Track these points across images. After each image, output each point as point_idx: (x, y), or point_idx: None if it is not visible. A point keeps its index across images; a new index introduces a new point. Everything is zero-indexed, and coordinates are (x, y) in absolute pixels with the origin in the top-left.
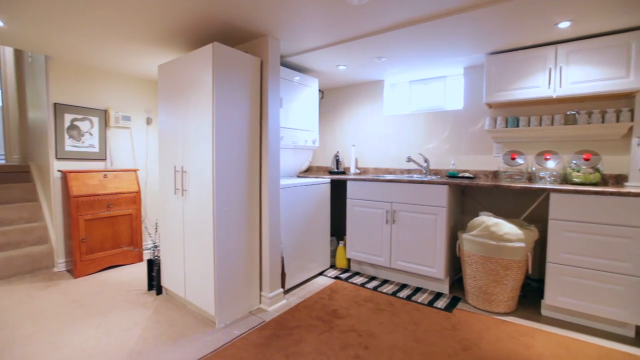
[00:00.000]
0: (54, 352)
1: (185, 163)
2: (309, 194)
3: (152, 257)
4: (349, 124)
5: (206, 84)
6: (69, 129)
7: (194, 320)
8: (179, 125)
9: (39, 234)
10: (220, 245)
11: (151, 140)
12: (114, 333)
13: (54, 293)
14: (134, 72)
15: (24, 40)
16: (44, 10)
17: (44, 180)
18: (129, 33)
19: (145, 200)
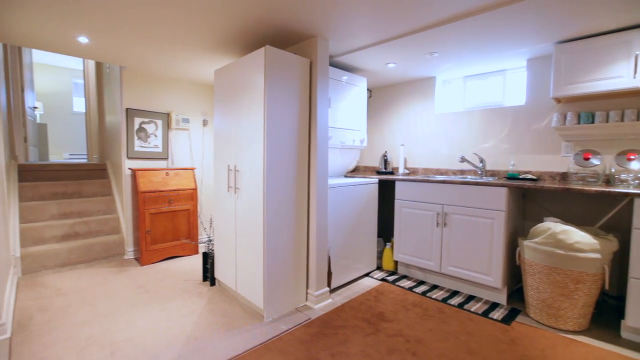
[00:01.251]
0: (125, 330)
1: (238, 162)
2: (357, 194)
3: (207, 250)
4: (398, 123)
5: (258, 86)
6: (137, 131)
7: (243, 312)
8: (232, 126)
9: (113, 225)
10: (270, 241)
11: (207, 141)
12: (174, 318)
13: (124, 278)
14: (192, 78)
15: (104, 54)
16: (121, 28)
17: (117, 177)
18: (190, 42)
19: (201, 197)
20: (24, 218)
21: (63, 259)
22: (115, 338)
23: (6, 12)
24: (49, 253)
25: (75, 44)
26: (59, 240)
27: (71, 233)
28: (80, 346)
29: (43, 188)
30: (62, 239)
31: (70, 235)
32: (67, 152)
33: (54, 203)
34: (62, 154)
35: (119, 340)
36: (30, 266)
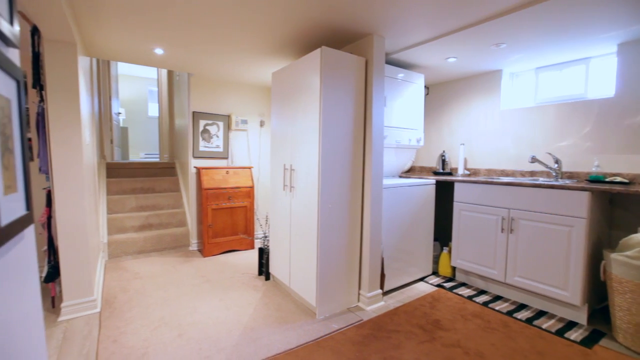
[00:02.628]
0: (190, 315)
1: (294, 161)
2: (412, 195)
3: (263, 245)
4: (458, 120)
5: (314, 87)
6: (202, 132)
7: (296, 308)
8: (288, 126)
9: (180, 218)
10: (323, 240)
11: (263, 141)
12: (232, 308)
13: (189, 267)
14: (250, 81)
15: (176, 63)
16: (191, 39)
17: (184, 175)
18: (250, 48)
19: (257, 195)
20: (110, 209)
21: (139, 247)
22: (182, 321)
23: (99, 32)
24: (128, 241)
25: (152, 55)
26: (136, 230)
27: (146, 224)
28: (154, 326)
29: (125, 184)
30: (139, 229)
31: (145, 226)
32: (143, 152)
33: (133, 197)
34: (139, 154)
35: (185, 323)
36: (115, 251)
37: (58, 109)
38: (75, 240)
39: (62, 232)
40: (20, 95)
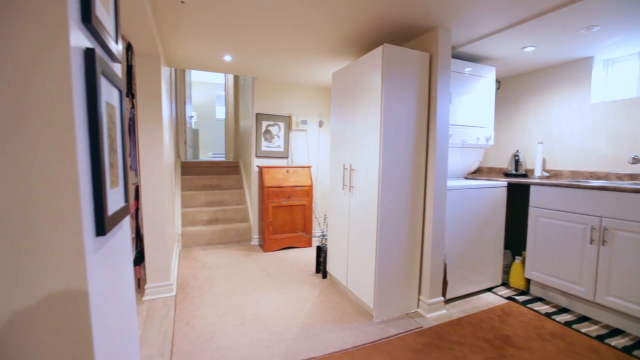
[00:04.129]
0: (252, 306)
1: (354, 161)
2: (479, 198)
3: (320, 244)
4: (535, 116)
5: (375, 86)
6: (264, 133)
7: (353, 309)
8: (348, 126)
9: (243, 214)
10: (382, 241)
11: (322, 141)
12: (291, 302)
13: (251, 261)
14: (310, 82)
15: (242, 68)
16: (256, 45)
17: (247, 173)
18: (311, 50)
19: (315, 194)
20: (184, 204)
21: (207, 239)
22: (245, 311)
23: (178, 44)
24: (198, 233)
25: (221, 62)
26: (205, 223)
27: (213, 218)
28: (220, 313)
29: (196, 180)
30: (207, 222)
31: (212, 220)
32: (211, 152)
33: (203, 193)
34: (207, 153)
35: (248, 313)
36: (187, 242)
37: (144, 114)
38: (156, 230)
39: (147, 222)
40: (121, 103)
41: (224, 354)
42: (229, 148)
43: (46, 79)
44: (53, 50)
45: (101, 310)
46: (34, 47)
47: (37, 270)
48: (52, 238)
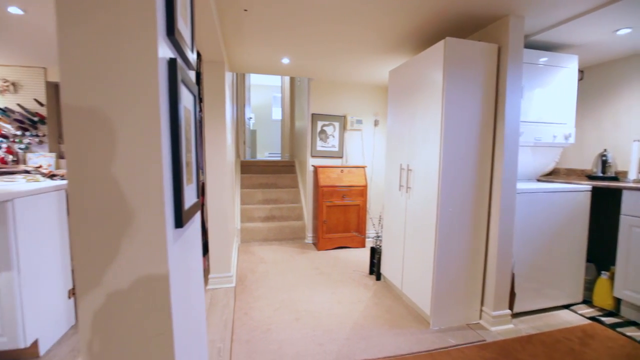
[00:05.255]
0: (306, 302)
1: (411, 161)
2: (556, 203)
3: (374, 245)
4: (629, 110)
5: (436, 83)
6: (319, 132)
7: (408, 314)
8: (406, 125)
9: (298, 213)
10: (442, 246)
11: (377, 141)
12: (344, 302)
13: (304, 259)
14: (365, 81)
15: (299, 70)
16: (313, 47)
17: (302, 173)
18: (367, 48)
19: (370, 194)
20: (243, 201)
21: (264, 235)
22: (299, 307)
23: (239, 50)
24: (256, 229)
25: (279, 65)
26: (262, 220)
27: (269, 216)
28: (276, 306)
29: (253, 179)
30: (264, 219)
31: (268, 217)
32: (267, 152)
33: (260, 191)
34: (264, 153)
35: (302, 309)
36: (245, 237)
37: (210, 117)
38: (219, 225)
39: (211, 217)
40: (195, 107)
41: (279, 346)
42: (285, 148)
43: (139, 86)
44: (144, 60)
45: (178, 294)
46: (131, 57)
47: (131, 257)
48: (143, 229)
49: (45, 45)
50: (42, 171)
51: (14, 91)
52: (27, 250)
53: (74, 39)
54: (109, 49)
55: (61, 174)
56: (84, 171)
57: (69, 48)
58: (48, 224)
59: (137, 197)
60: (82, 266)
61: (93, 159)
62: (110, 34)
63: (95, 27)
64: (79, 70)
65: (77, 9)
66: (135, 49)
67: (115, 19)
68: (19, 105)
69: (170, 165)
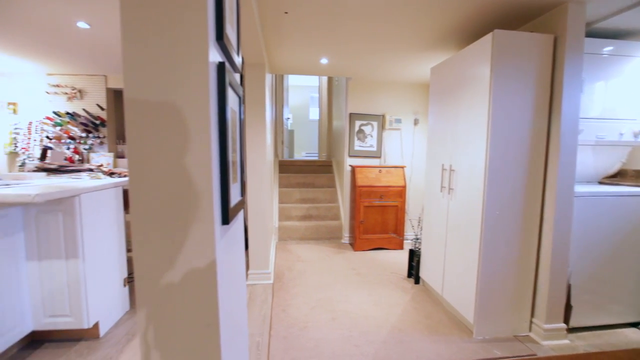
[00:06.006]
0: (342, 302)
1: (454, 162)
2: (622, 209)
3: (413, 247)
4: None
5: (482, 78)
6: (357, 132)
7: (449, 320)
8: (449, 123)
9: (335, 212)
10: (487, 251)
11: (417, 140)
12: (381, 304)
13: (341, 259)
14: (405, 79)
15: (337, 69)
16: (352, 46)
17: (339, 172)
18: (407, 46)
19: (408, 195)
20: (280, 200)
21: (301, 234)
22: (335, 307)
23: (278, 52)
24: (293, 228)
25: (318, 65)
26: (299, 219)
27: (306, 215)
28: (312, 305)
29: (291, 178)
30: (301, 218)
31: (305, 216)
32: (304, 152)
33: (297, 190)
34: (301, 153)
35: (338, 309)
36: (282, 235)
37: (251, 118)
38: (259, 222)
39: (251, 214)
40: (240, 108)
41: (315, 344)
42: (322, 147)
43: (191, 89)
44: (196, 64)
45: (224, 288)
46: (184, 62)
47: (182, 252)
48: (193, 225)
49: (106, 55)
50: (103, 169)
51: (80, 97)
52: (90, 240)
53: (135, 48)
54: (165, 54)
55: (119, 172)
56: (142, 170)
57: (132, 55)
58: (107, 217)
59: (188, 194)
60: (139, 258)
61: (149, 157)
62: (166, 41)
63: (153, 34)
64: (139, 75)
65: (139, 20)
66: (188, 54)
67: (171, 26)
68: (84, 110)
69: (218, 164)
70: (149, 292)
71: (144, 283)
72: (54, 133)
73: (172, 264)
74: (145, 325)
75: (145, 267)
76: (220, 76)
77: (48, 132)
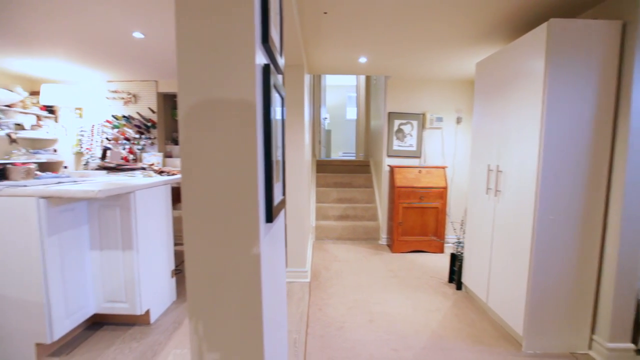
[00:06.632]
0: (380, 305)
1: (502, 162)
2: None
3: (455, 251)
4: None
5: (535, 72)
6: (396, 131)
7: (494, 330)
8: (496, 121)
9: (372, 213)
10: (539, 258)
11: (459, 139)
12: (420, 309)
13: (378, 260)
14: (447, 76)
15: (375, 68)
16: (391, 45)
17: (377, 172)
18: (450, 41)
19: (450, 196)
20: (318, 199)
21: (338, 234)
22: (372, 309)
23: (317, 53)
24: (330, 227)
25: (356, 64)
26: (336, 219)
27: (343, 215)
28: (349, 305)
29: (328, 178)
30: (338, 218)
31: (342, 216)
32: (341, 151)
33: (334, 190)
34: (337, 152)
35: (375, 311)
36: (319, 235)
37: (290, 118)
38: (297, 221)
39: (289, 213)
40: (283, 108)
41: (352, 346)
42: (359, 147)
43: (239, 89)
44: (243, 67)
45: (267, 286)
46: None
47: (229, 248)
48: (239, 223)
49: (157, 62)
50: (154, 168)
51: (135, 102)
52: (142, 234)
53: (189, 53)
54: (215, 59)
55: (167, 171)
56: (193, 168)
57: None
58: (157, 212)
59: (235, 192)
60: (190, 252)
61: (200, 156)
62: (216, 46)
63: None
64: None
65: (192, 27)
66: (236, 57)
67: (221, 32)
68: (138, 113)
69: (263, 164)
70: (198, 285)
71: (194, 276)
72: (112, 135)
73: (220, 258)
74: (196, 316)
75: (196, 260)
76: (265, 78)
77: (107, 134)
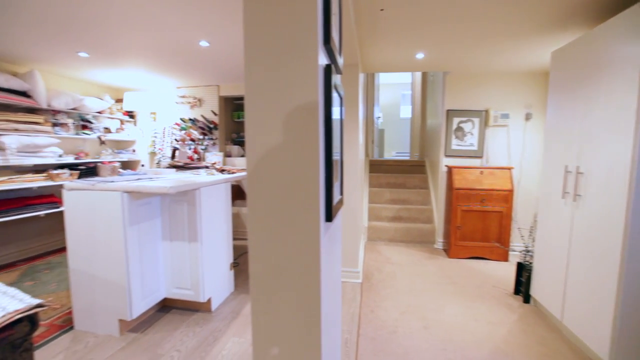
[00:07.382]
0: (435, 312)
1: (582, 163)
2: None
3: (522, 260)
4: None
5: (628, 60)
6: (455, 130)
7: (570, 352)
8: (576, 117)
9: (427, 215)
10: (631, 274)
11: (528, 138)
12: (481, 321)
13: (433, 265)
14: (513, 68)
15: (434, 64)
16: (451, 38)
17: (433, 173)
18: (519, 28)
19: (516, 200)
20: (370, 199)
21: (390, 235)
22: (427, 315)
23: (372, 51)
24: (382, 228)
25: (413, 61)
26: (389, 220)
27: (397, 216)
28: (402, 310)
29: (381, 178)
30: (391, 219)
31: (396, 217)
32: (394, 151)
33: (387, 191)
34: (391, 152)
35: (430, 318)
36: (371, 235)
37: (345, 117)
38: (351, 221)
39: (344, 213)
40: (341, 107)
41: (405, 351)
42: (414, 147)
43: (303, 89)
44: (306, 68)
45: (325, 284)
46: (297, 65)
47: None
48: (301, 221)
49: (219, 68)
50: (216, 167)
51: (199, 105)
52: (206, 227)
53: (255, 56)
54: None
55: (228, 169)
56: (258, 166)
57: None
58: (219, 208)
59: (298, 191)
60: (254, 246)
61: (265, 155)
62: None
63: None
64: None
65: (258, 32)
66: (300, 59)
67: (285, 33)
68: (202, 116)
69: (324, 163)
70: (261, 280)
71: (257, 271)
72: (180, 136)
73: (282, 255)
74: (258, 310)
75: (259, 256)
76: (327, 78)
77: (176, 135)
